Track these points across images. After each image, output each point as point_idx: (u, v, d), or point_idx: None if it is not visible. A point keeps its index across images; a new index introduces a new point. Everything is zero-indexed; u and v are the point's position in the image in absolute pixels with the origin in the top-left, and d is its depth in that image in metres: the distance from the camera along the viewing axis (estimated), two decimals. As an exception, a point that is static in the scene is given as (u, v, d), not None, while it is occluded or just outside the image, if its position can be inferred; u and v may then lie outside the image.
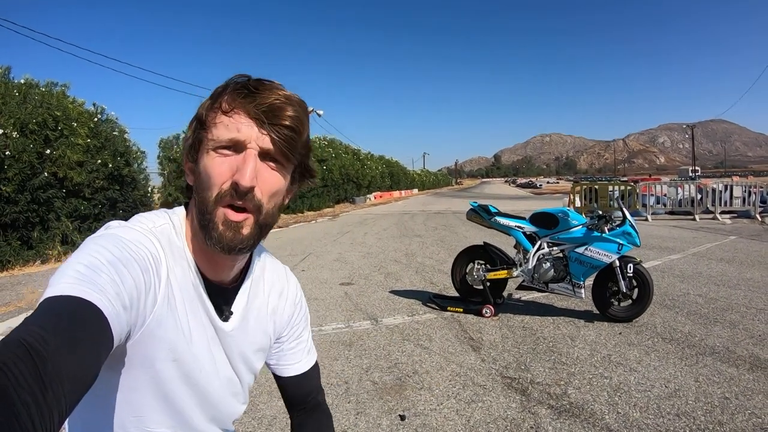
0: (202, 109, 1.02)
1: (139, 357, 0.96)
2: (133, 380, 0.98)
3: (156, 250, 0.98)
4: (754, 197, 18.20)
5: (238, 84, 1.00)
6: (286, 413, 3.72)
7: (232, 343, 1.15)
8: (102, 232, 0.96)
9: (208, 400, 1.13)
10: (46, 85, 13.16)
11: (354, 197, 38.96)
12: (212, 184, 0.97)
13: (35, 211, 11.47)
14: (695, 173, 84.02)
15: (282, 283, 1.33)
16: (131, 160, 14.76)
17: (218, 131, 0.97)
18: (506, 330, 5.80)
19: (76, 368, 0.68)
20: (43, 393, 0.61)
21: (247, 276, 1.20)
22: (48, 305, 0.74)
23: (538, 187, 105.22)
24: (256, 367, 1.27)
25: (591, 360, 4.80)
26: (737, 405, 3.80)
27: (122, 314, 0.83)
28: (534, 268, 6.33)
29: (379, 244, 13.94)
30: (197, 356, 1.06)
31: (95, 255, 0.85)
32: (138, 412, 1.02)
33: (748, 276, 8.31)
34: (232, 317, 1.15)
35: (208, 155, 0.98)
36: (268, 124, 0.97)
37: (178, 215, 1.10)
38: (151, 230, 1.02)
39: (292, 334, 1.36)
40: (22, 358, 0.62)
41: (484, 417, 3.75)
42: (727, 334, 5.41)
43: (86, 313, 0.75)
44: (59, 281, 0.78)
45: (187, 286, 1.04)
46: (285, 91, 1.01)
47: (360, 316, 6.52)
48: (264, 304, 1.26)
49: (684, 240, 12.95)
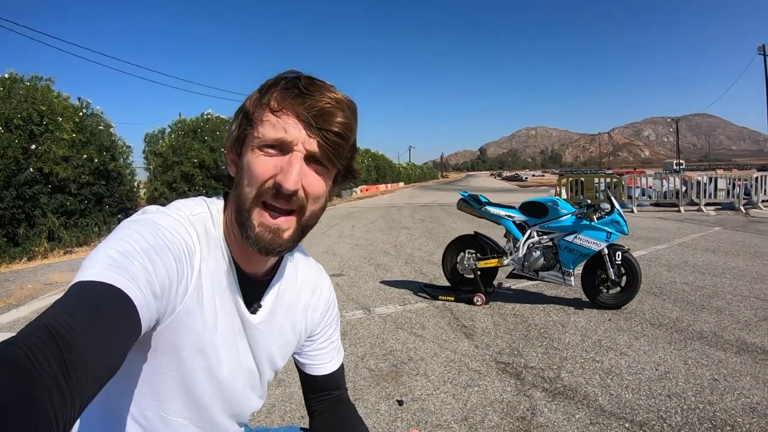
0: (249, 103, 1.01)
1: (166, 344, 0.97)
2: (158, 366, 1.00)
3: (191, 239, 0.99)
4: (738, 189, 18.40)
5: (288, 82, 0.98)
6: (285, 401, 3.75)
7: (257, 336, 1.16)
8: (138, 217, 0.96)
9: (227, 393, 1.13)
10: (30, 79, 13.03)
11: (340, 191, 38.89)
12: (253, 182, 0.97)
13: (21, 208, 11.38)
14: (680, 166, 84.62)
15: (315, 281, 1.33)
16: (117, 155, 14.63)
17: (264, 129, 0.97)
18: (498, 317, 5.86)
19: (101, 357, 0.68)
20: (66, 380, 0.61)
21: (279, 270, 1.20)
22: (78, 290, 0.75)
23: (524, 180, 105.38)
24: (278, 363, 1.28)
25: (582, 345, 4.87)
26: (726, 386, 3.87)
27: (152, 303, 0.83)
28: (524, 257, 6.38)
29: (367, 237, 13.94)
30: (220, 347, 1.07)
31: (129, 241, 0.85)
32: (158, 396, 1.03)
33: (733, 265, 8.42)
34: (261, 310, 1.15)
35: (252, 152, 0.98)
36: (316, 128, 0.96)
37: (217, 204, 1.11)
38: (188, 218, 1.02)
39: (324, 333, 1.37)
40: (48, 344, 0.62)
41: (481, 400, 3.80)
42: (714, 319, 5.50)
43: (115, 301, 0.75)
44: (92, 265, 0.79)
45: (220, 276, 1.05)
46: (337, 94, 1.00)
47: (352, 306, 6.54)
48: (295, 300, 1.26)
49: (669, 231, 13.09)
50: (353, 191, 41.63)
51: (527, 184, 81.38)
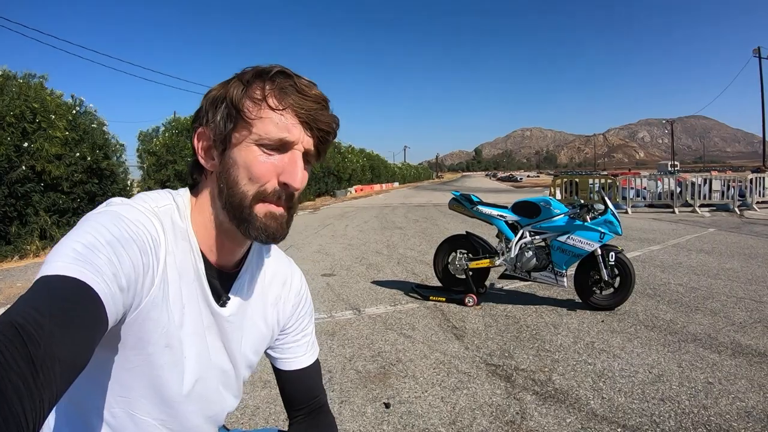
0: (234, 94, 0.98)
1: (132, 339, 0.95)
2: (125, 361, 0.97)
3: (156, 232, 0.97)
4: (732, 191, 18.42)
5: (284, 80, 0.98)
6: (269, 403, 3.68)
7: (229, 330, 1.14)
8: (103, 209, 0.94)
9: (197, 391, 1.10)
10: (23, 76, 12.88)
11: (335, 190, 38.89)
12: (254, 182, 0.97)
13: (13, 206, 11.27)
14: (674, 168, 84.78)
15: (285, 273, 1.32)
16: (110, 153, 14.51)
17: (266, 128, 0.96)
18: (489, 318, 5.80)
19: (69, 352, 0.67)
20: (34, 377, 0.61)
21: (247, 261, 1.19)
22: (43, 285, 0.73)
23: (519, 181, 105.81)
24: (252, 359, 1.26)
25: (574, 347, 4.81)
26: (720, 389, 3.81)
27: (118, 296, 0.82)
28: (516, 257, 6.32)
29: (360, 237, 13.88)
30: (188, 343, 1.04)
31: (94, 234, 0.84)
32: (126, 393, 1.00)
33: (727, 266, 8.38)
34: (230, 302, 1.13)
35: (249, 149, 0.97)
36: (315, 128, 1.00)
37: (183, 197, 1.09)
38: (154, 210, 1.00)
39: (297, 326, 1.35)
40: (14, 341, 0.62)
41: (470, 403, 3.73)
42: (708, 321, 5.45)
43: (81, 295, 0.74)
44: (56, 259, 0.77)
45: (187, 268, 1.03)
46: (321, 93, 1.03)
47: (342, 306, 6.48)
48: (265, 292, 1.25)
49: (664, 232, 13.06)
50: (348, 191, 41.61)
51: (522, 184, 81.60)
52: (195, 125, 1.06)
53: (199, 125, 1.04)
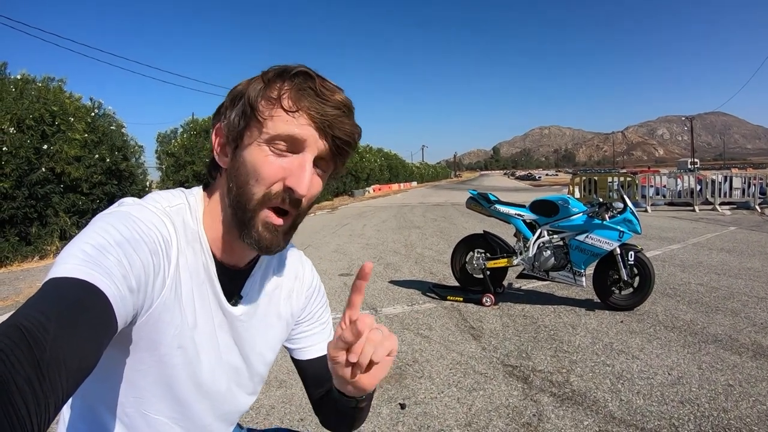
0: (252, 92, 0.96)
1: (144, 340, 0.94)
2: (137, 362, 0.97)
3: (167, 232, 0.96)
4: (753, 189, 18.16)
5: (303, 82, 0.95)
6: (284, 403, 3.69)
7: (241, 328, 1.13)
8: (114, 209, 0.93)
9: (209, 390, 1.10)
10: (42, 80, 13.06)
11: (353, 190, 38.93)
12: (261, 183, 0.95)
13: (33, 207, 11.41)
14: (694, 165, 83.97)
15: (296, 267, 1.30)
16: (129, 155, 14.64)
17: (276, 126, 0.93)
18: (507, 319, 5.76)
19: (75, 356, 0.67)
20: (40, 380, 0.61)
21: (259, 260, 1.17)
22: (51, 287, 0.73)
23: (537, 180, 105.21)
24: (267, 356, 1.24)
25: (593, 348, 4.76)
26: (741, 392, 3.75)
27: (128, 298, 0.81)
28: (534, 257, 6.28)
29: (378, 236, 13.88)
30: (200, 342, 1.04)
31: (104, 235, 0.83)
32: (138, 393, 1.00)
33: (748, 266, 8.26)
34: (242, 302, 1.12)
35: (259, 148, 0.95)
36: (330, 134, 0.96)
37: (195, 196, 1.07)
38: (165, 210, 0.99)
39: (311, 316, 1.33)
40: (20, 345, 0.61)
41: (486, 405, 3.70)
42: (729, 322, 5.37)
43: (90, 298, 0.73)
44: (66, 261, 0.76)
45: (198, 269, 1.02)
46: (345, 98, 0.99)
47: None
48: (278, 288, 1.23)
49: (684, 230, 12.90)
50: (366, 191, 41.64)
51: (540, 183, 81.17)
52: (215, 120, 1.06)
53: (218, 121, 1.03)
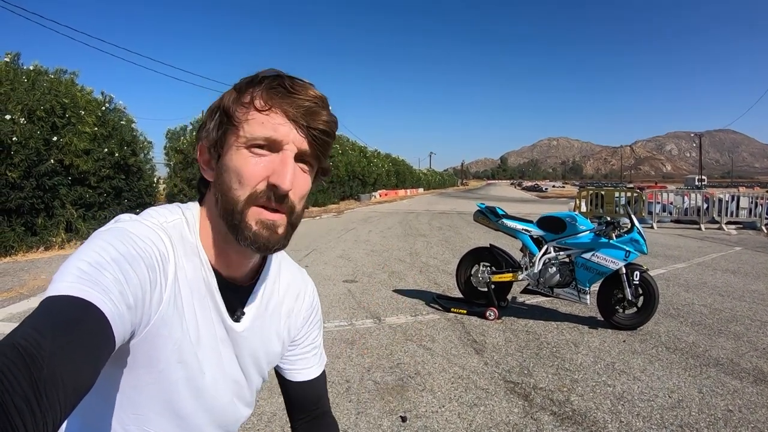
0: (228, 102, 0.98)
1: (143, 356, 0.94)
2: (136, 379, 0.97)
3: (165, 247, 0.95)
4: (760, 209, 18.09)
5: (272, 81, 0.96)
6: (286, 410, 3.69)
7: (243, 344, 1.13)
8: (110, 226, 0.93)
9: (211, 404, 1.10)
10: (55, 72, 13.13)
11: (359, 194, 38.94)
12: (245, 184, 0.94)
13: (40, 198, 11.47)
14: (701, 182, 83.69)
15: (299, 286, 1.30)
16: (138, 150, 14.70)
17: (252, 128, 0.94)
18: (510, 333, 5.77)
19: (73, 374, 0.67)
20: (38, 399, 0.61)
21: (262, 275, 1.17)
22: (48, 306, 0.73)
23: (544, 191, 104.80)
24: (265, 370, 1.25)
25: (594, 367, 4.77)
26: (740, 418, 3.76)
27: (125, 314, 0.81)
28: (540, 272, 6.29)
29: (383, 243, 13.89)
30: (202, 358, 1.04)
31: (100, 252, 0.83)
32: (138, 410, 1.00)
33: (753, 288, 8.26)
34: (244, 317, 1.12)
35: (239, 152, 0.95)
36: (305, 126, 0.96)
37: (192, 210, 1.07)
38: (162, 225, 0.99)
39: (307, 338, 1.34)
40: (16, 363, 0.61)
41: (486, 421, 3.71)
42: (731, 345, 5.37)
43: (87, 316, 0.73)
44: (62, 279, 0.77)
45: (198, 284, 1.02)
46: (318, 93, 0.99)
47: (363, 314, 6.49)
48: (279, 306, 1.23)
49: (689, 249, 12.89)
50: (372, 195, 41.65)
51: (547, 194, 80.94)
52: (197, 141, 1.06)
53: (200, 140, 1.04)
